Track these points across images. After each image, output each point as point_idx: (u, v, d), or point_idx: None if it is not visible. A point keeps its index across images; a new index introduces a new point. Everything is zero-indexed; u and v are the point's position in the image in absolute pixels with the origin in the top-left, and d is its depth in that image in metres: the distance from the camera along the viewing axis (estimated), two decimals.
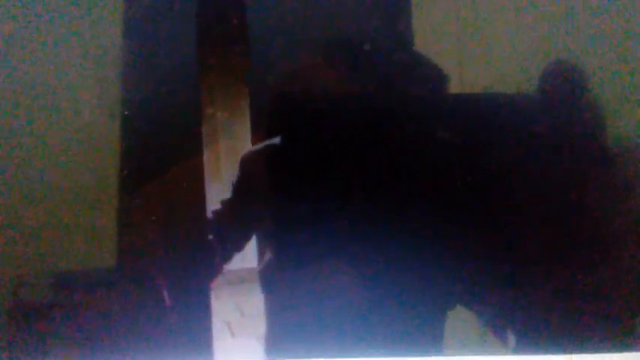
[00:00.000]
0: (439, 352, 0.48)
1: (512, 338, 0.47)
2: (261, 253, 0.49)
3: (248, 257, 0.49)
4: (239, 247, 0.49)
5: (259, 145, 0.49)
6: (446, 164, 0.47)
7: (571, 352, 0.46)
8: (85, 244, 0.49)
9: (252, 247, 0.49)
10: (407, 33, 0.51)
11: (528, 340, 0.47)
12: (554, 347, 0.46)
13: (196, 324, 0.49)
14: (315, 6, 0.52)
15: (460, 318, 0.48)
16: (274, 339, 0.49)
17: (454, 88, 0.49)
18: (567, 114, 0.47)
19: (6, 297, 0.49)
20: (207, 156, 0.49)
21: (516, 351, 0.47)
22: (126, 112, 0.50)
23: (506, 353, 0.47)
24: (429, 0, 0.51)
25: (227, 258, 0.49)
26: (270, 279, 0.49)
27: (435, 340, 0.48)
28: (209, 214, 0.49)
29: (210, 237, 0.49)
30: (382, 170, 0.47)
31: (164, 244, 0.50)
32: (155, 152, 0.50)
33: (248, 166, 0.49)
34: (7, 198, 0.49)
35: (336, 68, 0.49)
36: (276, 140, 0.48)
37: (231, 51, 0.50)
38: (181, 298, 0.49)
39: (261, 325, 0.49)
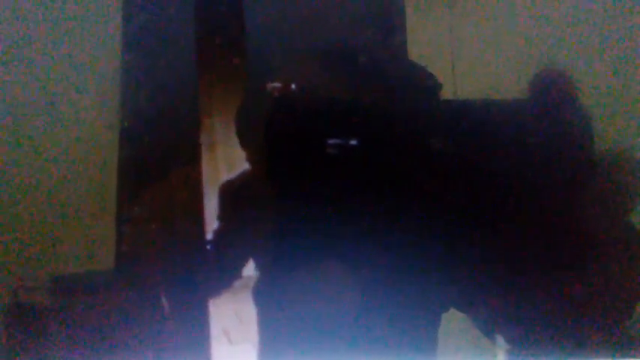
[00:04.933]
0: (433, 356, 0.48)
1: (505, 343, 0.47)
2: (258, 261, 0.49)
3: (246, 265, 0.49)
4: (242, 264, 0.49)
5: (236, 174, 0.50)
6: (439, 170, 0.47)
7: (565, 357, 0.46)
8: (85, 248, 0.50)
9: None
10: (402, 42, 0.52)
11: (522, 345, 0.47)
12: (547, 353, 0.46)
13: (194, 331, 0.49)
14: (312, 17, 0.53)
15: (454, 323, 0.48)
16: (272, 346, 0.49)
17: (448, 95, 0.49)
18: (557, 121, 0.47)
19: (5, 299, 0.50)
20: (205, 164, 0.50)
21: (510, 356, 0.47)
22: (125, 123, 0.51)
23: (499, 358, 0.47)
24: (423, 10, 0.52)
25: (233, 274, 0.49)
26: (266, 286, 0.49)
27: (430, 345, 0.48)
28: (209, 235, 0.49)
29: (209, 247, 0.50)
30: (377, 176, 0.47)
31: (162, 250, 0.50)
32: (154, 159, 0.51)
33: (233, 190, 0.50)
34: (6, 201, 0.50)
35: (333, 76, 0.50)
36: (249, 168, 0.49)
37: (228, 61, 0.51)
38: (180, 304, 0.49)
39: (258, 329, 0.49)
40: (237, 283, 0.49)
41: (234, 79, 0.51)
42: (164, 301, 0.49)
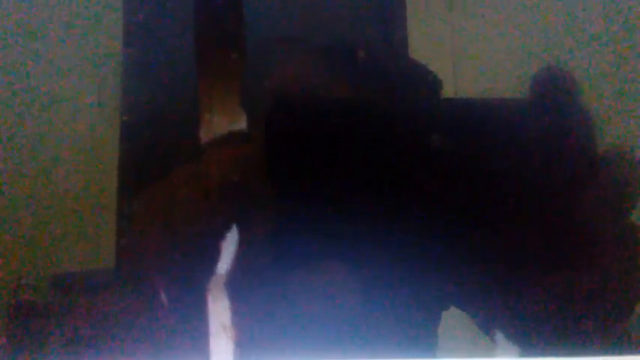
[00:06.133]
0: (433, 354, 0.48)
1: (505, 341, 0.48)
2: (256, 256, 0.49)
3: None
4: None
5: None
6: (440, 169, 0.48)
7: (565, 356, 0.46)
8: (84, 246, 0.50)
9: None
10: (402, 40, 0.52)
11: (522, 344, 0.47)
12: (547, 351, 0.46)
13: (193, 325, 0.49)
14: (312, 14, 0.52)
15: (454, 320, 0.48)
16: (271, 343, 0.49)
17: (448, 93, 0.49)
18: (558, 119, 0.47)
19: (6, 298, 0.50)
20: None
21: (510, 354, 0.48)
22: (125, 118, 0.51)
23: (499, 356, 0.48)
24: (423, 8, 0.52)
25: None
26: (266, 281, 0.49)
27: (430, 343, 0.49)
28: (207, 217, 0.49)
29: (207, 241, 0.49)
30: (376, 174, 0.47)
31: (162, 246, 0.50)
32: (153, 156, 0.51)
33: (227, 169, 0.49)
34: (7, 200, 0.50)
35: (333, 73, 0.50)
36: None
37: (228, 57, 0.51)
38: (179, 299, 0.49)
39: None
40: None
41: (233, 73, 0.51)
42: (163, 297, 0.49)
